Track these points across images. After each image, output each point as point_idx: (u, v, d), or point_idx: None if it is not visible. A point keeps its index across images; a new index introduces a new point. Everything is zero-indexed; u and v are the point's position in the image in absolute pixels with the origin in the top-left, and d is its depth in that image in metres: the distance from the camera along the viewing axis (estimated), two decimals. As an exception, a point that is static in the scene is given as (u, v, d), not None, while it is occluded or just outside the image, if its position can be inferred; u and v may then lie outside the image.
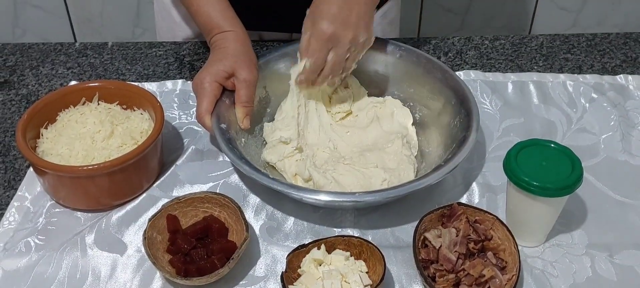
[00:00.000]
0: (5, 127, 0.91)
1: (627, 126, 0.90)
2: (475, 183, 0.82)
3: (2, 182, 0.83)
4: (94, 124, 0.79)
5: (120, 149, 0.78)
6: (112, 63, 1.03)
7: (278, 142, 0.82)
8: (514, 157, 0.70)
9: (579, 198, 0.79)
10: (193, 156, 0.85)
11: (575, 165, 0.69)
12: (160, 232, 0.72)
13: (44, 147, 0.78)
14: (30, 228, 0.76)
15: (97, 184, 0.76)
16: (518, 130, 0.89)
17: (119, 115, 0.82)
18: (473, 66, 1.02)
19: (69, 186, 0.76)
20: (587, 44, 1.07)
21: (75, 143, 0.77)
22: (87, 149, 0.77)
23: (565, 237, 0.75)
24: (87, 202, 0.78)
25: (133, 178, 0.78)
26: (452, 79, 0.85)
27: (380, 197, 0.73)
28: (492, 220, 0.71)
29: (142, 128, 0.81)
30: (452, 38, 1.08)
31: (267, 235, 0.76)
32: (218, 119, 0.80)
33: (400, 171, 0.79)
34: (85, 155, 0.76)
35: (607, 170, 0.83)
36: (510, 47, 1.06)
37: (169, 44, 1.07)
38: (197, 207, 0.75)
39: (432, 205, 0.77)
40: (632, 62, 1.03)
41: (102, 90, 0.84)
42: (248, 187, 0.81)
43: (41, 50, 1.06)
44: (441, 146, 0.82)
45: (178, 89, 0.96)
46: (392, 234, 0.76)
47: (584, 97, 0.94)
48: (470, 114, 0.80)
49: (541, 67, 1.02)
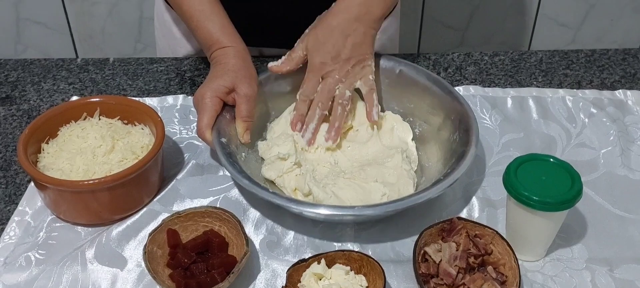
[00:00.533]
0: (6, 142, 0.92)
1: (626, 141, 0.90)
2: (475, 197, 0.82)
3: (3, 197, 0.83)
4: (95, 139, 0.80)
5: (121, 164, 0.78)
6: (113, 78, 1.04)
7: (276, 158, 0.83)
8: (513, 172, 0.70)
9: (579, 213, 0.79)
10: (193, 171, 0.85)
11: (575, 180, 0.69)
12: (161, 247, 0.72)
13: (45, 162, 0.78)
14: (30, 243, 0.76)
15: (98, 199, 0.76)
16: (518, 145, 0.90)
17: (120, 130, 0.82)
18: (473, 82, 1.02)
19: (69, 201, 0.76)
20: (586, 59, 1.07)
21: (76, 158, 0.78)
22: (88, 164, 0.77)
23: (565, 251, 0.75)
24: (88, 217, 0.78)
25: (133, 192, 0.78)
26: (452, 94, 0.86)
27: (380, 210, 0.73)
28: (492, 234, 0.71)
29: (143, 143, 0.81)
30: (451, 54, 1.09)
31: (267, 250, 0.76)
32: (218, 134, 0.80)
33: (400, 185, 0.79)
34: (86, 169, 0.77)
35: (606, 185, 0.84)
36: (509, 62, 1.07)
37: (170, 60, 1.07)
38: (198, 222, 0.75)
39: (432, 219, 0.77)
40: (631, 78, 1.04)
41: (103, 106, 0.84)
42: (248, 202, 0.81)
43: (43, 66, 1.07)
44: (441, 161, 0.83)
45: (179, 104, 0.97)
46: (392, 248, 0.76)
47: (583, 112, 0.95)
48: (469, 129, 0.80)
49: (540, 83, 1.02)
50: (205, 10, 0.87)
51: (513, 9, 1.79)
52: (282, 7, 1.01)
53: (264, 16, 1.02)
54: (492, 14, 1.79)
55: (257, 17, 1.02)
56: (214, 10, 0.88)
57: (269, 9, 1.01)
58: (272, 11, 1.01)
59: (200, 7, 0.87)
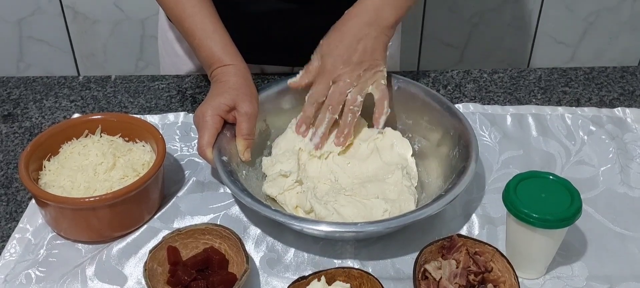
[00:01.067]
0: (8, 159, 0.92)
1: (625, 158, 0.90)
2: (475, 215, 0.82)
3: (4, 214, 0.83)
4: (96, 156, 0.80)
5: (122, 181, 0.78)
6: (115, 96, 1.04)
7: (278, 175, 0.83)
8: (513, 189, 0.71)
9: (579, 231, 0.79)
10: (194, 188, 0.86)
11: (574, 197, 0.69)
12: (161, 264, 0.72)
13: (46, 179, 0.79)
14: (31, 260, 0.76)
15: (99, 216, 0.76)
16: (517, 162, 0.90)
17: (121, 148, 0.82)
18: (472, 99, 1.03)
19: (70, 218, 0.77)
20: (584, 77, 1.08)
21: (77, 175, 0.78)
22: (89, 181, 0.77)
23: (566, 269, 0.75)
24: (89, 234, 0.78)
25: (134, 210, 0.78)
26: (450, 110, 0.86)
27: (382, 227, 0.73)
28: (492, 252, 0.71)
29: (144, 160, 0.81)
30: (451, 71, 1.09)
31: (267, 267, 0.76)
32: (219, 152, 0.81)
33: (401, 202, 0.79)
34: (87, 187, 0.77)
35: (606, 202, 0.84)
36: (508, 80, 1.07)
37: (171, 77, 1.08)
38: (198, 239, 0.75)
39: (432, 236, 0.77)
40: (630, 96, 1.04)
41: (104, 123, 0.85)
42: (249, 219, 0.82)
43: (45, 84, 1.07)
44: (441, 177, 0.83)
45: (180, 122, 0.97)
46: (392, 266, 0.76)
47: (582, 130, 0.95)
48: (469, 145, 0.81)
49: (539, 100, 1.03)
50: (207, 28, 0.88)
51: (512, 26, 1.80)
52: (283, 25, 1.02)
53: (265, 34, 1.03)
54: (491, 32, 1.80)
55: (258, 34, 1.03)
56: (216, 28, 0.88)
57: (270, 27, 1.02)
58: (274, 29, 1.02)
59: (202, 25, 0.88)
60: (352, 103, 0.86)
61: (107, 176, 0.78)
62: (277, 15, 1.00)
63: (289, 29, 1.02)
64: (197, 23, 0.88)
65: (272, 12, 1.00)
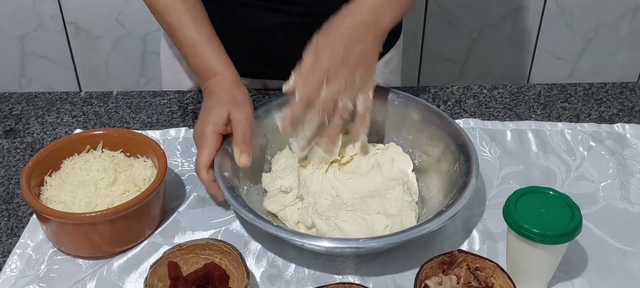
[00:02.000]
0: (9, 174, 0.92)
1: (625, 174, 0.90)
2: (476, 230, 0.82)
3: (5, 229, 0.83)
4: (97, 172, 0.80)
5: (123, 196, 0.78)
6: (116, 111, 1.05)
7: (278, 191, 0.83)
8: (513, 205, 0.71)
9: (579, 246, 0.79)
10: (195, 203, 0.86)
11: (575, 213, 0.69)
12: (162, 279, 0.72)
13: (47, 194, 0.79)
14: (32, 276, 0.76)
15: (99, 231, 0.76)
16: (517, 177, 0.90)
17: (123, 163, 0.83)
18: (472, 114, 1.03)
19: (71, 233, 0.77)
20: (584, 93, 1.09)
21: (78, 190, 0.78)
22: (90, 196, 0.78)
23: (566, 285, 0.75)
24: (89, 249, 0.78)
25: (135, 225, 0.79)
26: (450, 126, 0.87)
27: (384, 243, 0.73)
28: (493, 267, 0.71)
29: (145, 175, 0.82)
30: (451, 87, 1.10)
31: (268, 283, 0.76)
32: (220, 167, 0.81)
33: (402, 217, 0.79)
34: (88, 202, 0.77)
35: (606, 218, 0.84)
36: (508, 96, 1.08)
37: (173, 93, 1.08)
38: (199, 254, 0.75)
39: (432, 252, 0.77)
40: (629, 111, 1.04)
41: (106, 138, 0.85)
42: (250, 234, 0.82)
43: (47, 99, 1.08)
44: (441, 192, 0.83)
45: (181, 137, 0.97)
46: (392, 281, 0.76)
47: (582, 145, 0.95)
48: (469, 160, 0.81)
49: (539, 116, 1.03)
50: (200, 39, 0.87)
51: (511, 42, 1.81)
52: (285, 40, 1.02)
53: (267, 48, 1.03)
54: (490, 48, 1.81)
55: (260, 49, 1.03)
56: (209, 38, 0.88)
57: (272, 41, 1.02)
58: (276, 43, 1.03)
59: (195, 35, 0.87)
60: (343, 110, 0.83)
61: (108, 191, 0.79)
62: (279, 29, 1.01)
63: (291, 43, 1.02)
64: (191, 32, 0.87)
65: (274, 27, 1.01)
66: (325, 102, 0.82)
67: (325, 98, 0.81)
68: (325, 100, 0.82)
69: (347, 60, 0.81)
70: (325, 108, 0.82)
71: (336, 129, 0.84)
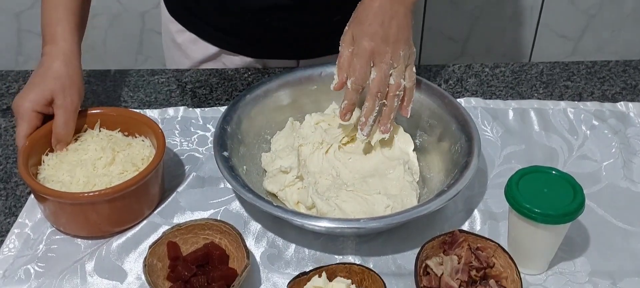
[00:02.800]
0: (7, 153, 0.92)
1: (628, 153, 0.90)
2: (477, 210, 0.82)
3: (3, 209, 0.83)
4: (95, 151, 0.80)
5: (122, 176, 0.78)
6: (114, 90, 1.04)
7: (278, 171, 0.82)
8: (515, 184, 0.70)
9: (581, 226, 0.79)
10: (194, 183, 0.85)
11: (577, 192, 0.69)
12: (161, 259, 0.72)
13: (45, 174, 0.78)
14: (30, 256, 0.76)
15: (98, 211, 0.75)
16: (519, 157, 0.89)
17: (121, 142, 0.82)
18: (474, 93, 1.02)
19: (69, 213, 0.76)
20: (587, 71, 1.07)
21: (76, 169, 0.77)
22: (88, 176, 0.77)
23: (568, 264, 0.75)
24: (88, 229, 0.77)
25: (134, 205, 0.78)
26: (452, 105, 0.86)
27: (384, 223, 0.73)
28: (494, 247, 0.71)
29: (143, 155, 0.81)
30: (452, 65, 1.09)
31: (268, 263, 0.76)
32: (220, 147, 0.80)
33: (403, 197, 0.79)
34: (86, 181, 0.76)
35: (608, 197, 0.83)
36: (510, 74, 1.07)
37: (171, 71, 1.07)
38: (198, 234, 0.75)
39: (433, 232, 0.77)
40: (632, 90, 1.03)
41: (103, 117, 0.84)
42: (249, 214, 0.81)
43: (44, 78, 1.06)
44: (443, 172, 0.82)
45: (180, 116, 0.96)
46: (393, 261, 0.76)
47: (584, 124, 0.95)
48: (471, 140, 0.80)
49: (541, 95, 1.02)
50: (59, 2, 0.85)
51: (513, 20, 1.79)
52: (285, 19, 1.01)
53: (267, 28, 1.02)
54: (492, 26, 1.79)
55: (260, 29, 1.02)
56: (68, 6, 0.85)
57: (272, 21, 1.01)
58: (275, 23, 1.02)
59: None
60: (396, 88, 0.81)
61: (106, 171, 0.78)
62: (278, 9, 1.00)
63: (291, 23, 1.01)
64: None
65: (274, 6, 0.99)
66: (380, 85, 0.80)
67: (378, 79, 0.80)
68: (380, 84, 0.80)
69: (387, 39, 0.80)
70: (382, 91, 0.81)
71: (392, 109, 0.82)
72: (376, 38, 0.80)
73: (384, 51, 0.80)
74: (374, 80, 0.80)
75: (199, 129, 0.94)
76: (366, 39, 0.80)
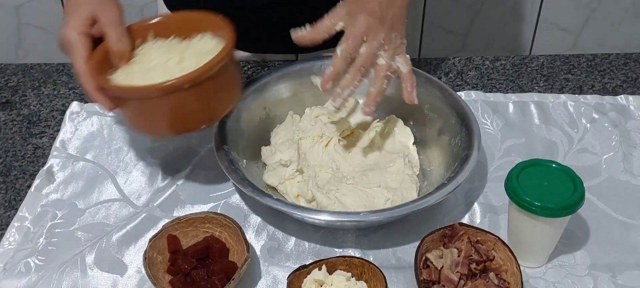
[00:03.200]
0: (6, 147, 0.92)
1: (628, 146, 0.90)
2: (477, 203, 0.82)
3: (3, 202, 0.83)
4: (161, 56, 0.76)
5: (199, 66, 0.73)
6: (114, 83, 1.04)
7: (278, 165, 0.82)
8: (515, 177, 0.70)
9: (581, 219, 0.79)
10: (194, 176, 0.85)
11: (577, 185, 0.69)
12: (161, 253, 0.72)
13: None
14: (30, 249, 0.76)
15: (184, 100, 0.72)
16: (519, 150, 0.89)
17: (180, 45, 0.79)
18: (474, 87, 1.02)
19: (155, 107, 0.73)
20: (587, 64, 1.07)
21: (149, 74, 0.74)
22: (164, 77, 0.72)
23: (568, 257, 0.75)
24: (177, 125, 0.75)
25: (219, 94, 0.75)
26: (452, 98, 0.86)
27: (384, 216, 0.73)
28: (494, 240, 0.71)
29: (209, 46, 0.77)
30: (452, 58, 1.09)
31: (268, 256, 0.76)
32: (220, 140, 0.80)
33: (403, 190, 0.79)
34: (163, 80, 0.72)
35: (608, 191, 0.83)
36: (510, 67, 1.07)
37: (171, 65, 1.07)
38: (198, 228, 0.75)
39: (433, 225, 0.77)
40: (633, 83, 1.03)
41: (156, 28, 0.81)
42: (249, 207, 0.81)
43: (43, 71, 1.06)
44: (443, 165, 0.82)
45: (179, 109, 0.96)
46: (393, 255, 0.76)
47: (585, 117, 0.95)
48: (471, 133, 0.80)
49: (542, 88, 1.02)
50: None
51: (514, 13, 1.79)
52: (283, 14, 1.01)
53: (265, 23, 1.02)
54: (493, 19, 1.79)
55: (258, 24, 1.02)
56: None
57: (270, 16, 1.01)
58: (275, 18, 1.01)
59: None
60: (387, 69, 0.80)
61: (180, 68, 0.74)
62: (278, 5, 0.99)
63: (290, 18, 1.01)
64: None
65: (274, 3, 0.99)
66: (366, 58, 0.79)
67: (366, 54, 0.78)
68: (366, 56, 0.79)
69: (384, 20, 0.79)
70: (366, 64, 0.79)
71: (380, 90, 0.81)
72: (373, 17, 0.78)
73: (378, 30, 0.78)
74: (362, 54, 0.79)
75: (198, 122, 0.94)
76: (363, 14, 0.78)
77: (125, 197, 0.82)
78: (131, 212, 0.81)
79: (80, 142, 0.90)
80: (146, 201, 0.82)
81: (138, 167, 0.86)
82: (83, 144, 0.90)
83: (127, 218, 0.79)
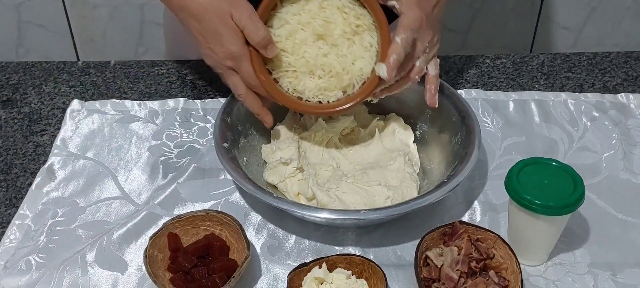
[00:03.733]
0: (7, 145, 0.92)
1: (628, 144, 0.90)
2: (477, 201, 0.82)
3: (4, 200, 0.83)
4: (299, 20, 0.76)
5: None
6: (114, 81, 1.04)
7: (278, 163, 0.82)
8: (515, 176, 0.70)
9: (581, 217, 0.79)
10: (194, 174, 0.85)
11: (577, 184, 0.69)
12: (161, 250, 0.72)
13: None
14: (31, 247, 0.76)
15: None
16: (519, 148, 0.89)
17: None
18: (474, 85, 1.02)
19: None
20: (588, 62, 1.07)
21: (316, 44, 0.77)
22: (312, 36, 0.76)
23: (568, 255, 0.75)
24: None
25: None
26: (452, 96, 0.86)
27: (384, 214, 0.73)
28: (494, 238, 0.71)
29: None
30: (453, 57, 1.09)
31: (268, 254, 0.76)
32: (220, 139, 0.80)
33: (404, 188, 0.79)
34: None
35: (609, 189, 0.83)
36: (511, 66, 1.07)
37: (171, 63, 1.07)
38: (198, 226, 0.75)
39: (433, 223, 0.77)
40: (633, 81, 1.03)
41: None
42: (250, 205, 0.81)
43: (44, 69, 1.07)
44: (443, 163, 0.82)
45: (180, 108, 0.96)
46: (393, 253, 0.76)
47: (585, 116, 0.95)
48: (471, 131, 0.80)
49: (542, 86, 1.02)
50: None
51: (514, 12, 1.79)
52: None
53: None
54: (493, 17, 1.79)
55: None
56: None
57: None
58: None
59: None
60: (418, 72, 0.79)
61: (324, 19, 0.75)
62: None
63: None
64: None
65: None
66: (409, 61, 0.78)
67: (410, 56, 0.77)
68: (409, 59, 0.78)
69: (432, 19, 0.78)
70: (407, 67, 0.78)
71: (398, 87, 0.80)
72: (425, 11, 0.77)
73: (427, 30, 0.77)
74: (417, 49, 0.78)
75: (199, 120, 0.94)
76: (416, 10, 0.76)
77: (125, 195, 0.83)
78: (132, 210, 0.81)
79: (81, 140, 0.90)
80: (147, 199, 0.82)
81: (139, 165, 0.87)
82: (84, 141, 0.90)
83: (127, 216, 0.80)
